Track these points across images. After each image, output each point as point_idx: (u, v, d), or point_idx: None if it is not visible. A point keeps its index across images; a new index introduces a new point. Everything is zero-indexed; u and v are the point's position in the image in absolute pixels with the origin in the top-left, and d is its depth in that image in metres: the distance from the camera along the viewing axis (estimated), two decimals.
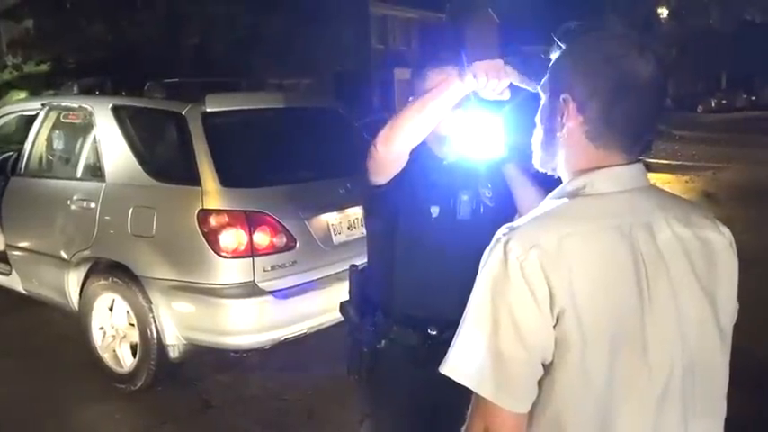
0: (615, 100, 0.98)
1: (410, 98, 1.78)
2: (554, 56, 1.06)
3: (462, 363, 0.98)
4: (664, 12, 27.24)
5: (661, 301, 0.97)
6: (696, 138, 18.79)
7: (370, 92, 27.23)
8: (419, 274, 1.75)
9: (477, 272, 1.75)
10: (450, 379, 1.74)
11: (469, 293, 1.74)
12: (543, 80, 1.07)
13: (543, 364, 0.95)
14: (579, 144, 1.02)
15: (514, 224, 0.99)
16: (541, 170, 1.11)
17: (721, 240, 1.05)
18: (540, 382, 0.96)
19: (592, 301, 0.93)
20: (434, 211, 1.74)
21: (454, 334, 1.73)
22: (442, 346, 1.72)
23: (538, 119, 1.09)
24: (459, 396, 1.74)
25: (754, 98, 40.88)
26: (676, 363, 0.97)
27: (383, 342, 1.76)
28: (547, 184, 1.79)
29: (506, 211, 1.81)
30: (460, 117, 1.68)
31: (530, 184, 1.79)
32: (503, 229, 0.99)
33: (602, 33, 1.05)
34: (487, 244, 1.76)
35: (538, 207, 1.04)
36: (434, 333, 1.74)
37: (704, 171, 11.62)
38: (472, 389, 0.97)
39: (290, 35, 16.20)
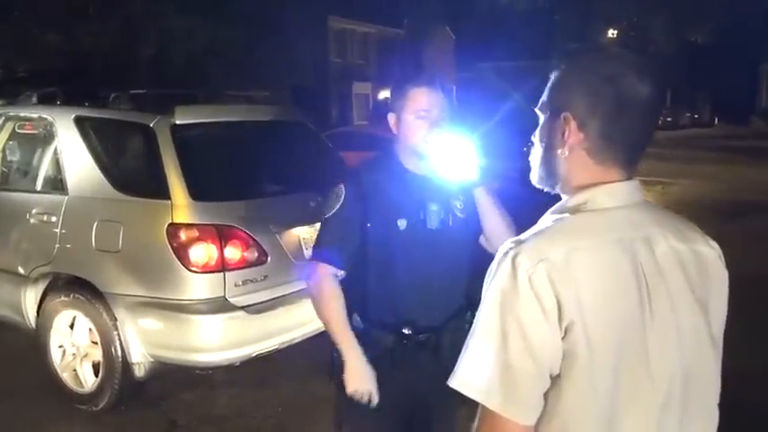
0: (615, 118, 1.01)
1: (389, 114, 1.86)
2: (553, 75, 1.09)
3: (471, 376, 0.99)
4: (613, 33, 28.27)
5: (661, 313, 1.00)
6: (646, 154, 19.28)
7: (328, 105, 27.24)
8: (389, 284, 1.82)
9: (450, 279, 1.87)
10: (427, 380, 1.81)
11: (439, 300, 1.86)
12: (542, 99, 1.10)
13: (550, 376, 0.96)
14: (580, 161, 1.05)
15: (521, 237, 1.01)
16: (539, 187, 1.13)
17: (711, 254, 1.09)
18: (546, 394, 0.97)
19: (598, 313, 0.95)
20: (401, 223, 1.80)
21: (429, 337, 1.85)
22: (417, 348, 1.83)
23: (536, 138, 1.11)
24: (437, 397, 1.82)
25: (696, 116, 42.75)
26: (676, 372, 1.01)
27: (363, 342, 1.82)
28: (513, 212, 1.87)
29: (476, 223, 1.88)
30: (437, 138, 1.77)
31: (497, 211, 1.88)
32: (509, 243, 1.00)
33: (601, 53, 1.09)
34: (457, 252, 1.89)
35: (539, 222, 1.06)
36: (409, 333, 1.82)
37: (654, 186, 12.04)
38: (480, 402, 0.97)
39: (247, 47, 16.11)
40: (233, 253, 3.10)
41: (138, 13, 14.00)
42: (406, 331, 1.83)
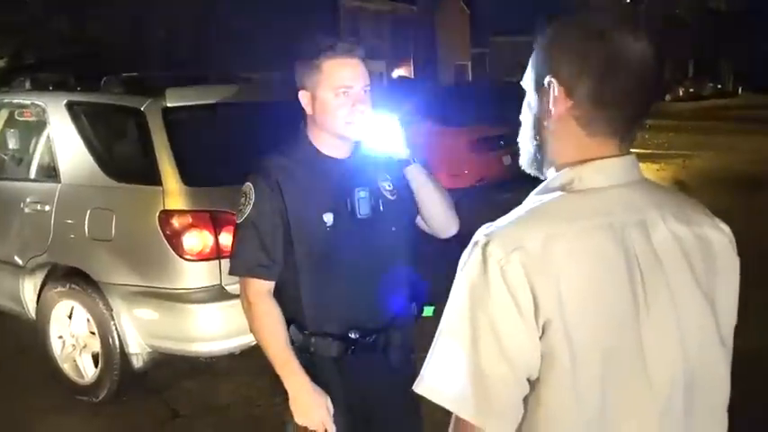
0: (606, 78, 0.88)
1: (300, 92, 1.63)
2: (536, 45, 0.96)
3: (439, 382, 0.87)
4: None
5: (659, 309, 0.88)
6: (665, 126, 19.03)
7: None
8: (326, 287, 1.64)
9: (390, 269, 1.68)
10: (381, 382, 1.66)
11: (383, 295, 1.66)
12: (526, 73, 0.97)
13: (529, 381, 0.85)
14: (570, 132, 0.92)
15: (494, 224, 0.89)
16: (528, 171, 1.00)
17: (721, 239, 0.96)
18: (524, 401, 0.86)
19: (582, 309, 0.84)
20: (328, 218, 1.60)
21: (377, 340, 1.66)
22: (366, 352, 1.64)
23: (523, 115, 0.99)
24: (394, 398, 1.65)
25: (720, 86, 41.77)
26: (678, 375, 0.89)
27: (304, 356, 1.63)
28: None
29: (410, 204, 1.71)
30: (361, 118, 1.58)
31: (433, 188, 1.70)
32: (482, 230, 0.88)
33: (587, 12, 0.97)
34: (394, 239, 1.69)
35: (521, 205, 0.94)
36: (356, 337, 1.63)
37: (674, 159, 11.77)
38: (452, 411, 0.86)
39: (259, 28, 15.96)
40: (229, 239, 2.97)
41: None
42: (352, 336, 1.63)
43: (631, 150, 0.96)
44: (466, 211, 1.94)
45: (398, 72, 27.42)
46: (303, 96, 1.63)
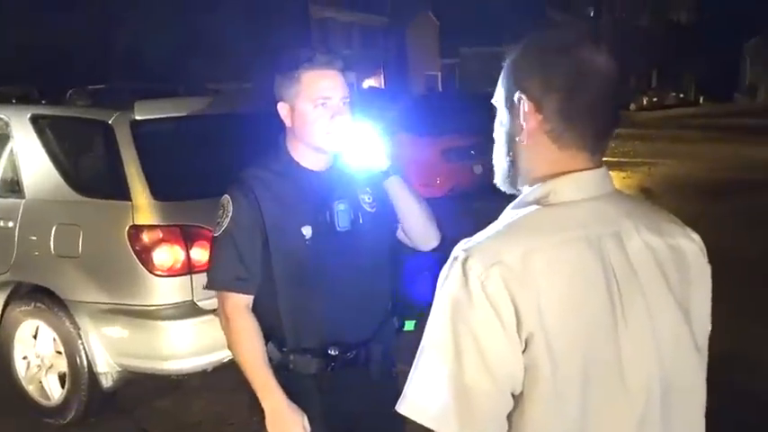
0: (573, 92, 0.90)
1: (279, 104, 1.61)
2: (505, 63, 0.98)
3: (422, 400, 0.86)
4: (591, 11, 28.21)
5: (636, 319, 0.89)
6: (631, 135, 19.47)
7: None
8: (305, 302, 1.61)
9: (371, 283, 1.66)
10: (362, 398, 1.62)
11: (364, 309, 1.64)
12: (496, 91, 0.99)
13: (512, 396, 0.85)
14: (541, 146, 0.93)
15: (472, 239, 0.89)
16: (502, 187, 1.01)
17: (692, 248, 0.98)
18: (508, 416, 0.86)
19: (562, 321, 0.84)
20: (306, 231, 1.58)
21: (358, 355, 1.63)
22: (346, 368, 1.61)
23: (496, 133, 1.00)
24: (376, 414, 1.61)
25: (682, 96, 42.93)
26: (654, 383, 0.90)
27: (283, 374, 1.59)
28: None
29: (390, 216, 1.70)
30: (340, 129, 1.57)
31: (413, 200, 1.69)
32: (460, 245, 0.89)
33: (551, 29, 1.01)
34: (374, 252, 1.67)
35: (498, 219, 0.95)
36: (336, 353, 1.60)
37: (640, 167, 12.01)
38: (434, 429, 0.85)
39: (228, 39, 15.84)
40: (200, 254, 2.94)
41: (111, 5, 13.68)
42: (331, 352, 1.59)
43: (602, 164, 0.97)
44: (438, 221, 1.94)
45: (369, 83, 27.50)
46: (282, 108, 1.61)
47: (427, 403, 0.85)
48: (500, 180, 1.00)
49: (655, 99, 38.11)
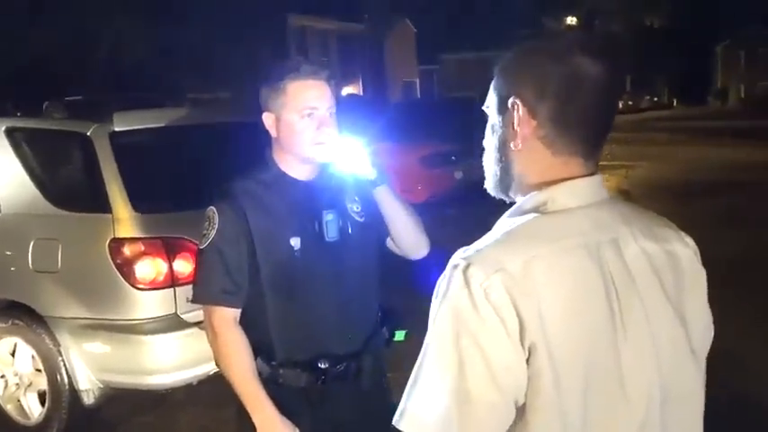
0: (567, 97, 0.90)
1: (264, 114, 1.59)
2: (498, 67, 0.98)
3: (423, 414, 0.84)
4: (572, 20, 28.59)
5: (635, 326, 0.89)
6: (608, 138, 19.75)
7: None
8: (295, 314, 1.59)
9: (361, 294, 1.65)
10: (353, 411, 1.59)
11: (354, 320, 1.63)
12: (487, 98, 0.98)
13: (515, 406, 0.84)
14: (535, 152, 0.93)
15: (471, 247, 0.88)
16: (494, 194, 1.01)
17: (686, 253, 0.98)
18: (510, 428, 0.84)
19: (563, 330, 0.83)
20: (295, 242, 1.56)
21: (348, 367, 1.61)
22: (336, 382, 1.59)
23: (486, 140, 0.99)
24: (368, 428, 1.58)
25: (656, 99, 43.69)
26: (654, 390, 0.90)
27: (272, 388, 1.57)
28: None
29: (379, 226, 1.69)
30: (327, 139, 1.56)
31: (402, 209, 1.68)
32: (459, 254, 0.87)
33: (543, 36, 0.99)
34: (363, 262, 1.66)
35: (494, 228, 0.94)
36: (325, 367, 1.58)
37: (617, 170, 12.16)
38: None
39: (206, 48, 15.75)
40: (183, 266, 2.91)
41: (88, 15, 13.49)
42: (321, 365, 1.57)
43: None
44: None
45: (348, 90, 27.52)
46: (267, 118, 1.59)
47: (429, 418, 0.83)
48: (491, 186, 1.00)
49: (630, 103, 38.75)
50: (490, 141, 0.98)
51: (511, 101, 0.92)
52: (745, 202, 8.69)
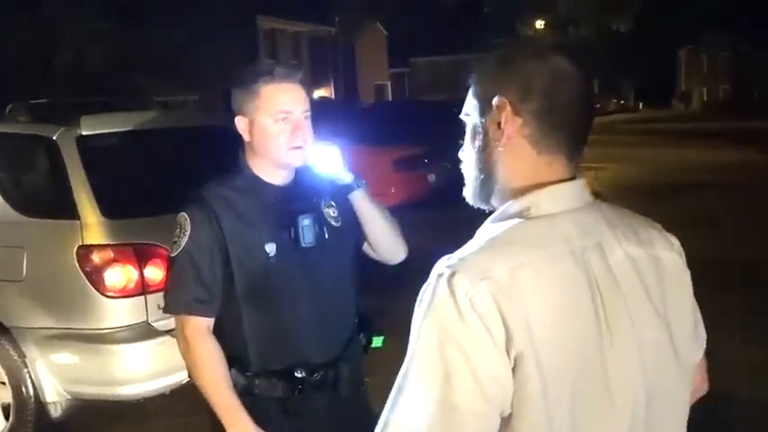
0: (553, 95, 0.91)
1: (237, 117, 1.56)
2: (476, 71, 0.98)
3: (406, 423, 0.82)
4: (541, 24, 29.02)
5: (621, 331, 0.89)
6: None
7: None
8: (270, 322, 1.56)
9: (337, 300, 1.63)
10: (331, 421, 1.55)
11: (331, 327, 1.60)
12: (465, 106, 0.98)
13: (501, 417, 0.83)
14: (520, 152, 0.93)
15: (455, 254, 0.87)
16: (474, 203, 0.99)
17: (671, 256, 0.98)
18: None
19: (551, 339, 0.83)
20: (270, 249, 1.53)
21: (326, 376, 1.58)
22: (313, 392, 1.55)
23: (466, 145, 0.98)
24: None
25: (622, 102, 44.62)
26: (639, 393, 0.90)
27: (247, 399, 1.53)
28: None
29: (355, 230, 1.67)
30: (302, 143, 1.54)
31: (379, 214, 1.67)
32: (443, 262, 0.86)
33: (520, 41, 1.01)
34: (340, 267, 1.64)
35: (477, 234, 0.93)
36: (302, 376, 1.54)
37: (587, 172, 12.31)
38: None
39: (175, 51, 15.52)
40: (155, 273, 2.85)
41: (50, 16, 13.17)
42: (298, 374, 1.52)
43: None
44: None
45: (319, 93, 27.46)
46: (240, 122, 1.55)
47: (413, 428, 0.81)
48: (471, 194, 0.98)
49: (597, 105, 39.44)
50: (470, 147, 0.97)
51: (496, 100, 0.92)
52: (712, 203, 8.93)
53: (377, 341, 1.73)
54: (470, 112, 0.97)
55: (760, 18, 29.78)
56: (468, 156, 0.98)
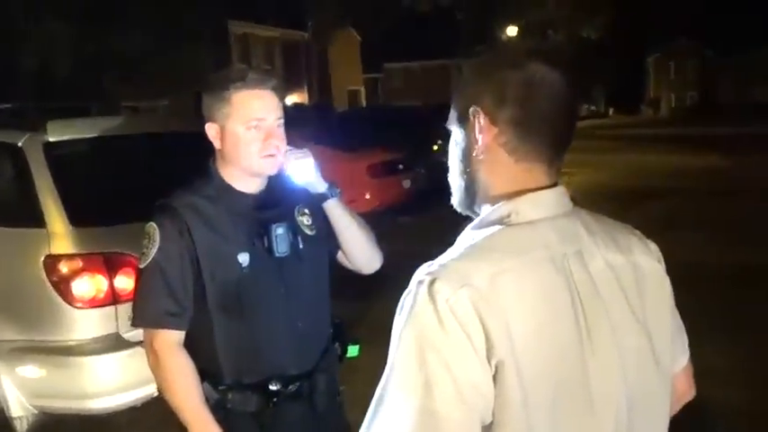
0: (527, 102, 0.91)
1: (207, 124, 1.52)
2: (456, 81, 1.00)
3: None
4: (513, 30, 29.37)
5: (601, 339, 0.89)
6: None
7: None
8: (243, 334, 1.52)
9: (312, 310, 1.59)
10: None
11: (305, 338, 1.56)
12: (450, 114, 0.99)
13: (482, 426, 0.82)
14: (498, 161, 0.93)
15: (436, 261, 0.86)
16: (461, 210, 1.00)
17: (650, 263, 0.99)
18: None
19: (532, 346, 0.82)
20: (243, 259, 1.49)
21: (301, 388, 1.54)
22: (288, 404, 1.52)
23: (450, 155, 0.99)
24: None
25: (593, 108, 45.41)
26: (621, 401, 0.90)
27: (220, 413, 1.49)
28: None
29: (329, 238, 1.65)
30: (275, 151, 1.51)
31: (353, 222, 1.65)
32: (424, 269, 0.85)
33: (497, 47, 1.01)
34: (314, 277, 1.61)
35: (458, 241, 0.93)
36: (277, 388, 1.51)
37: (560, 177, 12.52)
38: None
39: (145, 55, 15.29)
40: (125, 283, 2.77)
41: (13, 17, 12.85)
42: (273, 387, 1.49)
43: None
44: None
45: (292, 98, 27.33)
46: (210, 128, 1.51)
47: None
48: (457, 202, 0.99)
49: None
50: (454, 156, 0.98)
51: (471, 110, 0.93)
52: (682, 206, 9.12)
53: (352, 350, 1.70)
54: (452, 121, 0.98)
55: (727, 26, 30.62)
56: (452, 164, 0.99)
